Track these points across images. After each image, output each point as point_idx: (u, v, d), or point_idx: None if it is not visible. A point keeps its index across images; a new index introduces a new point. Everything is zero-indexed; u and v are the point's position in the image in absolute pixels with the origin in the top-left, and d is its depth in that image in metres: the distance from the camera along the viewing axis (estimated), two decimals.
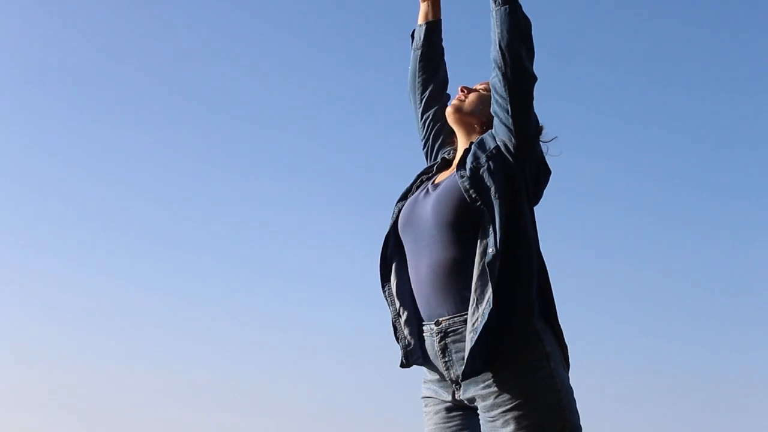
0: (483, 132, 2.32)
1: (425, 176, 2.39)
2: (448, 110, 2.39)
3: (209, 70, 8.94)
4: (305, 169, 8.85)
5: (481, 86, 2.41)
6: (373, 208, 8.86)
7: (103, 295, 8.49)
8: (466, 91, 2.40)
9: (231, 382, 7.90)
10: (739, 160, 8.68)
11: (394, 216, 2.30)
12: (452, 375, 2.14)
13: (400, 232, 2.26)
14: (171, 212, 8.88)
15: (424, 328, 2.18)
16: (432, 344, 2.16)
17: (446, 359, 2.13)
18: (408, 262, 2.23)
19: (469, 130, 2.37)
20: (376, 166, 8.68)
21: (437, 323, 2.13)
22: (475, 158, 2.18)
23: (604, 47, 8.63)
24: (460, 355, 2.10)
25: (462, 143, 2.37)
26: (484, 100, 2.36)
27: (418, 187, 2.35)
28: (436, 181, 2.31)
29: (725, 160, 8.70)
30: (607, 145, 8.63)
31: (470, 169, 2.15)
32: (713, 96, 8.63)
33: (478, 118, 2.36)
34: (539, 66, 2.17)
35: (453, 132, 2.46)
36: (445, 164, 2.41)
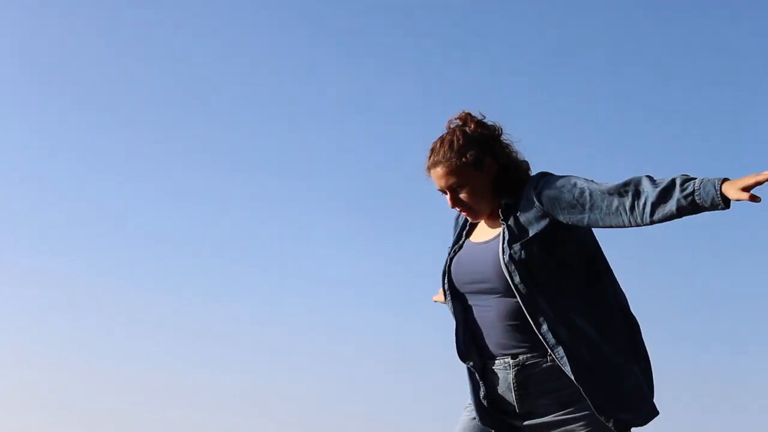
0: (499, 191, 2.15)
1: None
2: (473, 220, 2.21)
3: (211, 69, 8.94)
4: (308, 168, 8.86)
5: (447, 184, 2.15)
6: (376, 207, 8.86)
7: (103, 295, 8.50)
8: (459, 207, 2.18)
9: (231, 382, 7.90)
10: (739, 157, 8.68)
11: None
12: (524, 408, 2.12)
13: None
14: (171, 212, 8.89)
15: (497, 362, 2.14)
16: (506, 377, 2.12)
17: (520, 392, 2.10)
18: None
19: (493, 205, 2.18)
20: (381, 166, 8.68)
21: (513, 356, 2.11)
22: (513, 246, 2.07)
23: (602, 46, 8.64)
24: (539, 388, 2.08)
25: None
26: (475, 192, 2.14)
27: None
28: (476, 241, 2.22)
29: (726, 157, 8.71)
30: (610, 140, 8.64)
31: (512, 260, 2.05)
32: (712, 91, 8.63)
33: (489, 200, 2.16)
34: (537, 66, 2.13)
35: None
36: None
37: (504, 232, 2.08)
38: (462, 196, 2.14)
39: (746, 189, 1.73)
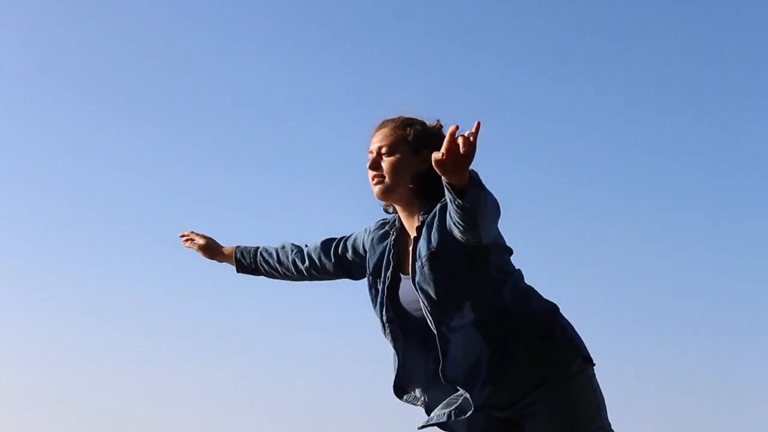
0: (419, 194, 2.14)
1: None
2: (376, 194, 2.18)
3: (212, 66, 8.94)
4: (311, 167, 8.85)
5: (380, 144, 2.17)
6: (377, 207, 8.82)
7: (103, 295, 8.50)
8: (374, 169, 2.17)
9: (231, 382, 7.90)
10: (740, 162, 8.69)
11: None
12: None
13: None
14: (172, 211, 8.88)
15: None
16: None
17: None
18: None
19: (405, 203, 2.18)
20: None
21: None
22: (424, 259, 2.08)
23: (602, 46, 8.64)
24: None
25: (405, 219, 2.21)
26: (398, 164, 2.14)
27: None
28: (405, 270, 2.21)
29: (729, 152, 8.71)
30: (619, 135, 8.65)
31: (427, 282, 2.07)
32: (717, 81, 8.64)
33: (405, 186, 2.15)
34: (536, 66, 2.13)
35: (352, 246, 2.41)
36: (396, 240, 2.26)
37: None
38: (384, 162, 2.15)
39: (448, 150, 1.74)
